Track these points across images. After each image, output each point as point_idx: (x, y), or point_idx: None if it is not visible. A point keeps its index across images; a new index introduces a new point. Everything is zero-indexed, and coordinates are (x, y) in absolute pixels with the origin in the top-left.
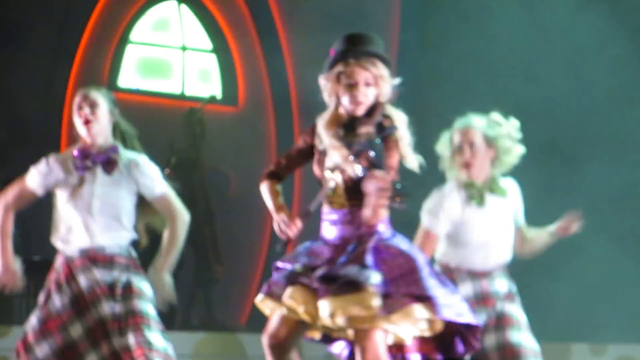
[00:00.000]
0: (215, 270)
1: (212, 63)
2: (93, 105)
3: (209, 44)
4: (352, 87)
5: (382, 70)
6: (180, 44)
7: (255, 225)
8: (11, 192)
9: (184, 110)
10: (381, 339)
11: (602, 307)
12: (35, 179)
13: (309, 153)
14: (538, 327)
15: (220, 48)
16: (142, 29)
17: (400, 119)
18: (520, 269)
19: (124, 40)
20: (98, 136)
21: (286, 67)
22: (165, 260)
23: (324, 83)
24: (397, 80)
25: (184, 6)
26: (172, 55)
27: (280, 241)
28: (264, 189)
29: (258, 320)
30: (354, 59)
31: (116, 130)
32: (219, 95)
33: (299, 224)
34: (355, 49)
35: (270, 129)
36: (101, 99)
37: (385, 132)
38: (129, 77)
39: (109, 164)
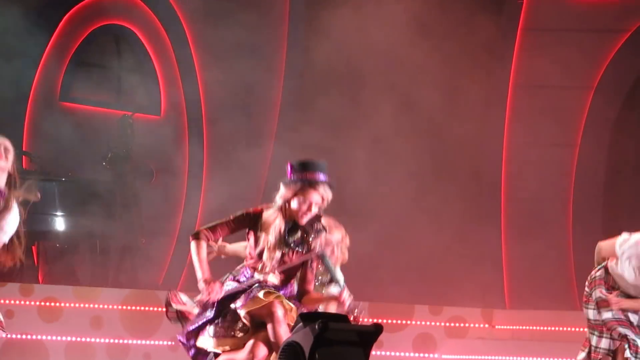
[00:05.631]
0: (140, 241)
1: (140, 80)
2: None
3: (139, 64)
4: (306, 206)
5: (329, 194)
6: (116, 63)
7: (171, 207)
8: None
9: (118, 116)
10: None
11: (440, 278)
12: None
13: (243, 229)
14: (389, 291)
15: (148, 68)
16: (88, 52)
17: (333, 228)
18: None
19: (73, 61)
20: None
21: (198, 84)
22: None
23: (283, 190)
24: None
25: (119, 33)
26: (110, 73)
27: None
28: (197, 247)
29: (171, 281)
30: (310, 186)
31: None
32: (144, 106)
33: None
34: (312, 177)
35: (184, 133)
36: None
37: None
38: (77, 90)
39: None
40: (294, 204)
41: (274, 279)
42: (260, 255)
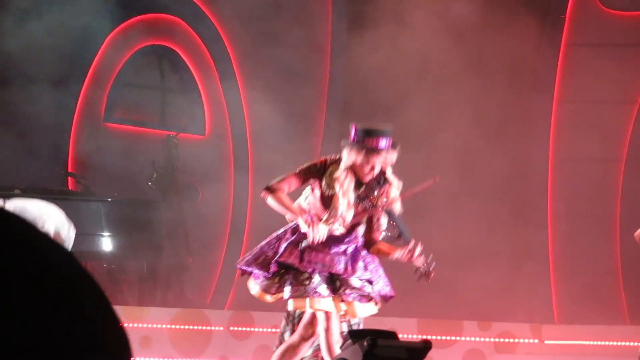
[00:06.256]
0: (187, 260)
1: (185, 100)
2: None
3: (183, 85)
4: (368, 168)
5: (393, 158)
6: (160, 84)
7: (217, 226)
8: None
9: (163, 137)
10: None
11: (489, 293)
12: None
13: (310, 181)
14: (438, 307)
15: (192, 89)
16: (132, 73)
17: (395, 184)
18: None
19: (117, 82)
20: None
21: (242, 105)
22: None
23: (346, 153)
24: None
25: (162, 54)
26: (154, 94)
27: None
28: (278, 199)
29: (219, 300)
30: (373, 152)
31: None
32: (189, 126)
33: None
34: (375, 144)
35: (229, 153)
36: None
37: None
38: (121, 110)
39: None
40: (357, 166)
41: (339, 227)
42: (325, 204)
